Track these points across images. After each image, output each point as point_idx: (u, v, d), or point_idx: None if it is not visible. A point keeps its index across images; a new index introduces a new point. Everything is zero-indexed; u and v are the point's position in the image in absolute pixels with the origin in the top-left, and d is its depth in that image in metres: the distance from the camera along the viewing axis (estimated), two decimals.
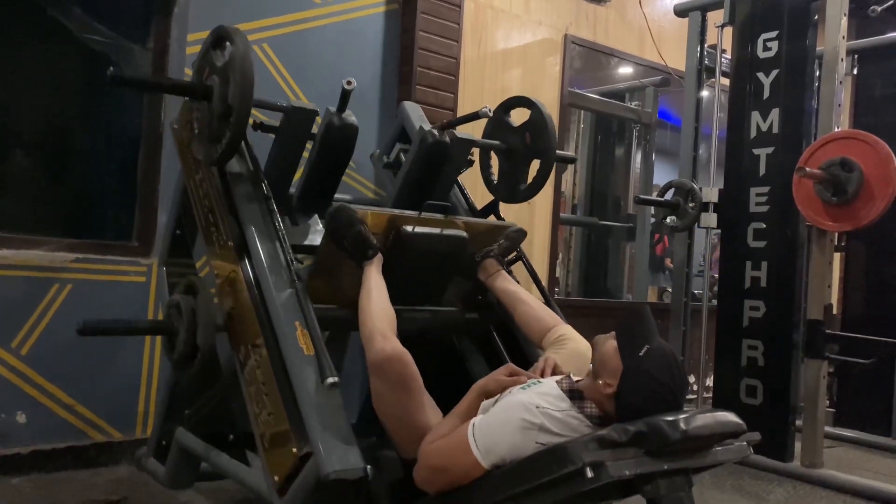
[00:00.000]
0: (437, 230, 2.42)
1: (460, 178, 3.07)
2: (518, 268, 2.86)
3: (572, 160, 3.23)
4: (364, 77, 3.76)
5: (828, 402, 4.29)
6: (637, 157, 6.12)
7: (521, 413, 1.71)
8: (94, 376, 3.04)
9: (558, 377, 1.88)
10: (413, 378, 1.98)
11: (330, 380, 1.96)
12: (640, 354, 1.70)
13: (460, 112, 4.01)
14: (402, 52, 3.86)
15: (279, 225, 2.31)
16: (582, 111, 6.14)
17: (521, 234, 2.66)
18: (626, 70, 5.85)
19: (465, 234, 2.49)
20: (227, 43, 2.26)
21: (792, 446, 3.74)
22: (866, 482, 3.46)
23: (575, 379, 1.85)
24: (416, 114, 3.20)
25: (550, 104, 4.57)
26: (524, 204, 4.44)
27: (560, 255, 5.73)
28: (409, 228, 2.35)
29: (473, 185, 3.21)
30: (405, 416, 1.97)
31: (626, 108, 6.00)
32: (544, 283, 4.36)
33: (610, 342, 1.77)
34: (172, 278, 2.93)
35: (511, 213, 3.20)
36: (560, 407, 1.74)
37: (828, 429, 4.28)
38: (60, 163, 3.33)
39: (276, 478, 2.03)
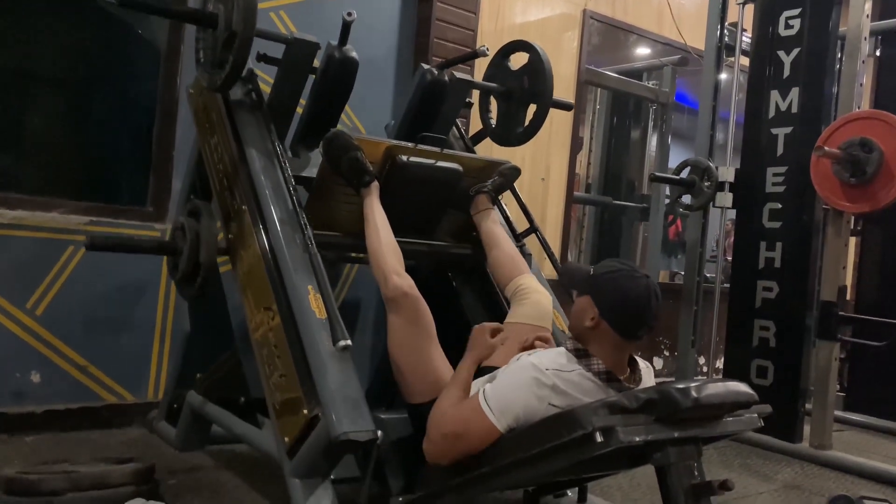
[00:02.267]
0: (431, 161, 2.48)
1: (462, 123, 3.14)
2: (531, 241, 2.86)
3: (569, 106, 3.26)
4: (380, 47, 3.74)
5: (838, 386, 4.28)
6: (653, 138, 6.07)
7: (532, 372, 1.73)
8: (108, 338, 3.07)
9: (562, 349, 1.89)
10: (425, 315, 2.08)
11: (342, 343, 1.96)
12: (592, 274, 1.86)
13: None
14: (419, 23, 3.83)
15: (280, 150, 2.37)
16: (598, 91, 6.09)
17: (515, 171, 2.70)
18: (643, 50, 5.79)
19: (459, 167, 2.54)
20: None
21: (801, 427, 3.73)
22: (875, 464, 3.45)
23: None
24: None
25: (567, 80, 4.54)
26: (538, 181, 4.46)
27: (573, 231, 5.73)
28: (404, 158, 2.41)
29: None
30: (417, 354, 2.04)
31: (643, 86, 5.93)
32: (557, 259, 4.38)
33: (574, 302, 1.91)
34: None
35: (524, 189, 3.20)
36: (569, 366, 1.76)
37: (837, 413, 4.27)
38: (76, 126, 3.33)
39: (286, 439, 2.04)
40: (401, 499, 1.95)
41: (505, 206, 2.96)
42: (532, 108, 2.95)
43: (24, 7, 3.11)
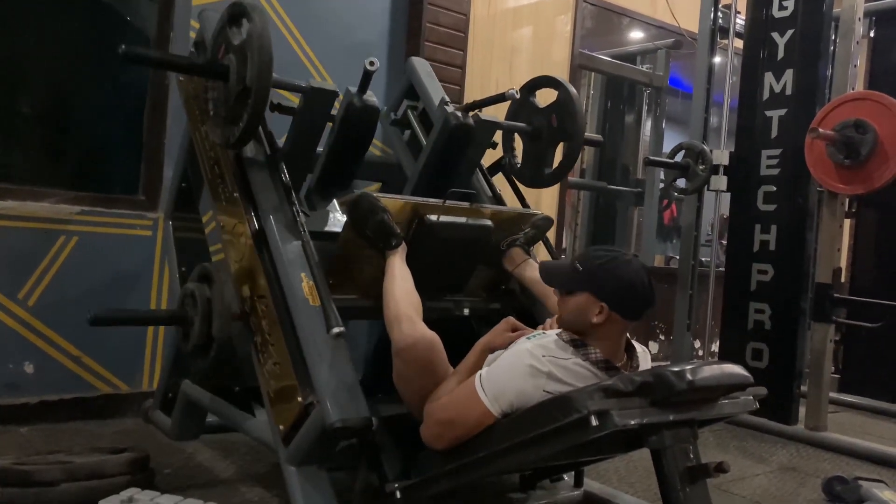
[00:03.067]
0: (461, 219, 2.35)
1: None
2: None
3: (600, 143, 3.12)
4: (372, 32, 3.71)
5: (833, 368, 4.29)
6: (647, 122, 6.06)
7: (528, 360, 1.71)
8: (101, 329, 3.03)
9: (558, 330, 1.87)
10: (440, 362, 1.95)
11: (335, 330, 1.95)
12: (581, 269, 1.81)
13: (468, 70, 3.97)
14: (410, 7, 3.79)
15: (301, 218, 2.21)
16: (592, 75, 6.06)
17: (548, 221, 2.60)
18: (637, 33, 5.77)
19: (490, 222, 2.42)
20: (244, 20, 2.14)
21: (796, 410, 3.75)
22: (869, 445, 3.46)
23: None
24: (424, 70, 3.14)
25: (560, 65, 4.52)
26: None
27: (568, 217, 5.72)
28: (433, 217, 2.28)
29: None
30: (427, 394, 1.93)
31: (638, 70, 5.92)
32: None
33: (560, 301, 1.87)
34: (179, 232, 2.93)
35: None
36: (565, 355, 1.74)
37: (833, 394, 4.29)
38: (66, 115, 3.31)
39: (281, 427, 2.04)
40: (396, 485, 1.93)
41: (500, 190, 2.93)
42: (561, 147, 2.79)
43: None
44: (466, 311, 2.55)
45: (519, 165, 2.98)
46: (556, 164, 2.82)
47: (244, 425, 2.37)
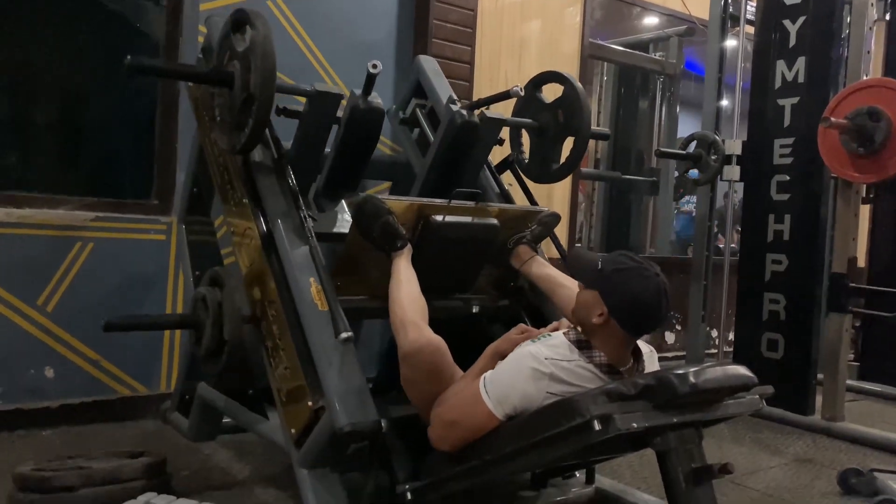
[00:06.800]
0: (467, 219, 2.35)
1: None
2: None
3: (606, 136, 3.11)
4: (379, 31, 3.71)
5: (852, 355, 4.26)
6: (661, 110, 6.02)
7: (530, 363, 1.72)
8: (119, 333, 3.08)
9: (565, 330, 1.88)
10: (447, 366, 1.95)
11: (343, 335, 1.97)
12: (600, 269, 1.82)
13: (477, 66, 3.96)
14: (417, 4, 3.79)
15: (308, 222, 2.24)
16: (605, 63, 6.02)
17: (555, 218, 2.59)
18: (650, 20, 5.72)
19: (496, 221, 2.42)
20: (248, 27, 2.16)
21: (813, 400, 3.73)
22: (887, 435, 3.44)
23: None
24: (432, 68, 3.14)
25: (570, 56, 4.50)
26: None
27: (582, 206, 5.70)
28: (438, 218, 2.28)
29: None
30: (435, 398, 1.94)
31: (650, 59, 5.87)
32: (565, 238, 4.37)
33: (578, 293, 1.89)
34: (192, 236, 2.97)
35: None
36: (569, 357, 1.75)
37: (851, 382, 4.26)
38: (79, 122, 3.35)
39: (292, 430, 2.07)
40: (407, 486, 1.96)
41: (509, 187, 2.93)
42: (568, 142, 2.78)
43: (24, 4, 3.12)
44: (476, 309, 2.56)
45: (526, 161, 2.98)
46: (563, 159, 2.81)
47: (257, 428, 2.41)
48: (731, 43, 4.55)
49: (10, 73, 3.15)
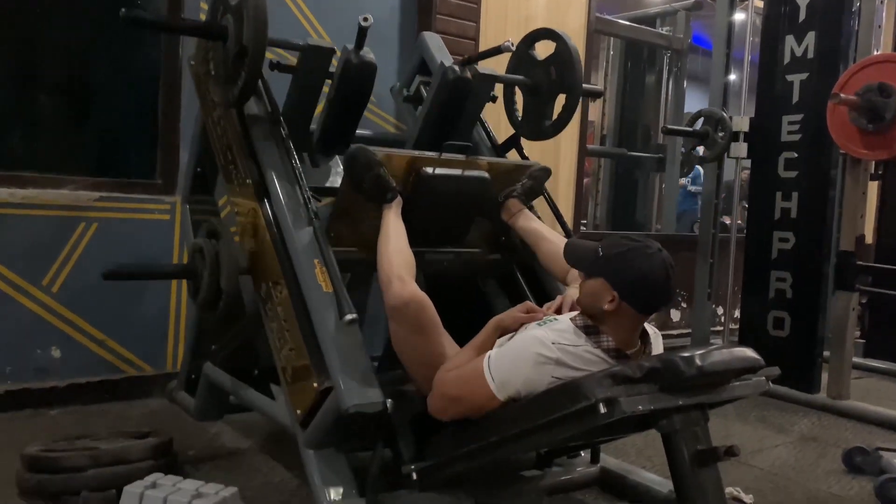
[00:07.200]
0: (457, 171, 2.37)
1: (484, 114, 2.98)
2: (541, 204, 2.82)
3: (599, 94, 3.11)
4: (383, 7, 3.67)
5: (858, 332, 4.24)
6: (668, 86, 5.96)
7: (536, 347, 1.72)
8: (124, 312, 3.11)
9: (573, 314, 1.87)
10: (431, 321, 1.98)
11: (348, 316, 1.98)
12: (601, 255, 1.80)
13: (482, 42, 3.91)
14: None
15: (298, 168, 2.28)
16: (612, 38, 5.96)
17: (546, 172, 2.60)
18: None
19: (487, 174, 2.43)
20: None
21: (819, 378, 3.73)
22: (891, 412, 3.43)
23: None
24: (436, 45, 3.12)
25: (576, 31, 4.44)
26: None
27: (588, 183, 5.66)
28: (429, 170, 2.30)
29: (497, 121, 3.13)
30: (424, 358, 1.98)
31: (657, 33, 5.81)
32: (570, 215, 4.34)
33: (581, 283, 1.86)
34: (196, 215, 2.97)
35: (536, 146, 3.13)
36: (576, 342, 1.74)
37: (857, 359, 4.26)
38: (82, 102, 3.33)
39: (298, 411, 2.08)
40: (413, 466, 1.97)
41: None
42: (561, 99, 2.79)
43: None
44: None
45: (520, 119, 2.98)
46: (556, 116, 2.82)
47: (263, 408, 2.42)
48: (739, 17, 4.49)
49: (13, 53, 3.12)
